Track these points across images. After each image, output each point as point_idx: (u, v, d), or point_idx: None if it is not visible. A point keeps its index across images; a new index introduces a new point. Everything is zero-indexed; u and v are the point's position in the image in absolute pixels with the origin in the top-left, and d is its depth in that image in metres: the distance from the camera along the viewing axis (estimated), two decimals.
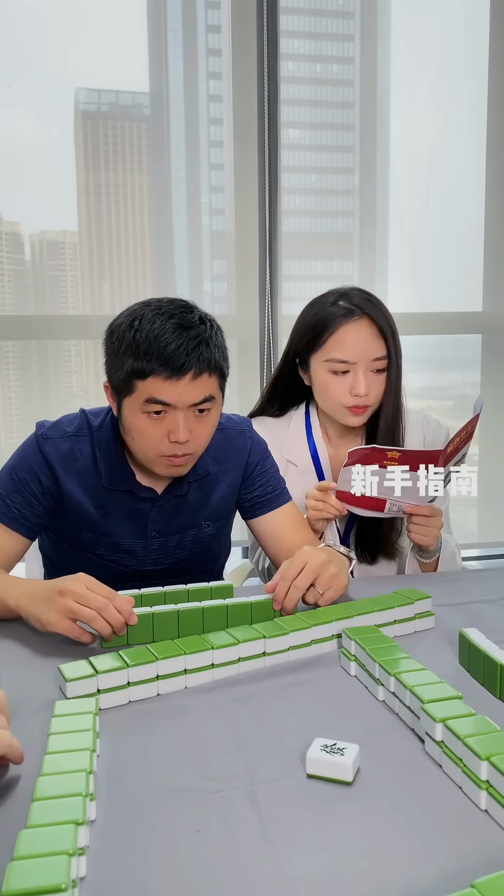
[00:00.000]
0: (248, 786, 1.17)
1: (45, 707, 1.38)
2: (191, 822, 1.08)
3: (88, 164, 3.65)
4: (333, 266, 4.08)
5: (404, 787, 1.17)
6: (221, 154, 3.79)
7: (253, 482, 2.12)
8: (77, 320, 3.73)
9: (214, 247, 3.87)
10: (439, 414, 4.35)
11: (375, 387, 2.23)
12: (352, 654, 1.54)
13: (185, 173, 3.77)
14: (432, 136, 4.07)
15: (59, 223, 3.72)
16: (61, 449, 1.94)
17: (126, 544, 2.00)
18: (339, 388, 2.23)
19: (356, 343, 2.19)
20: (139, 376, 1.75)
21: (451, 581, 2.11)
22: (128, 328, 1.77)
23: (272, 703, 1.43)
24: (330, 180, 4.01)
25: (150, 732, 1.33)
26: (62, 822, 0.98)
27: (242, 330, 3.78)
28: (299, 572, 1.73)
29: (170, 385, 1.74)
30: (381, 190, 4.06)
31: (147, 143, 3.73)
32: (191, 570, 2.08)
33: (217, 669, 1.52)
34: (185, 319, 1.77)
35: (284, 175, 3.82)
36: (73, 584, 1.60)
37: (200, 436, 1.84)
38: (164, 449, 1.82)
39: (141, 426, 1.81)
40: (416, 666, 1.41)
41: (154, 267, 3.81)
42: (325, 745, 1.21)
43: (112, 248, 3.72)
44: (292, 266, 3.92)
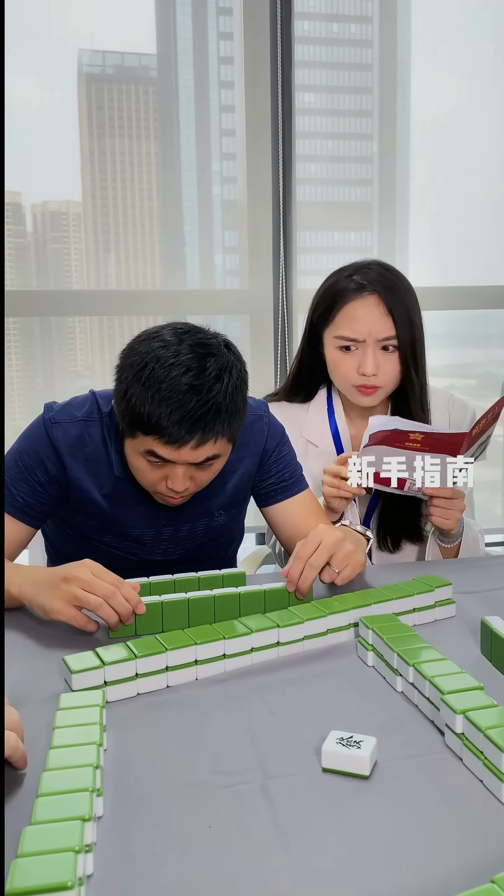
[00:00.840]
0: (261, 780, 1.18)
1: (50, 700, 1.40)
2: (202, 818, 1.09)
3: (93, 130, 3.64)
4: (351, 237, 4.07)
5: (423, 781, 1.18)
6: (233, 119, 3.78)
7: (269, 469, 2.12)
8: (82, 295, 3.73)
9: (226, 217, 3.86)
10: (463, 393, 4.36)
11: (385, 366, 2.23)
12: (369, 643, 1.55)
13: (195, 139, 3.76)
14: (455, 100, 4.05)
15: (61, 193, 3.71)
16: (70, 434, 1.94)
17: (135, 533, 2.00)
18: (347, 366, 2.25)
19: (363, 320, 2.20)
20: (141, 430, 1.73)
21: (473, 567, 2.12)
22: (140, 371, 1.72)
23: (286, 695, 1.44)
24: (347, 147, 3.99)
25: (160, 726, 1.34)
26: (68, 819, 0.99)
27: (255, 305, 3.77)
28: (314, 551, 1.74)
29: (170, 449, 1.73)
30: (402, 157, 4.04)
31: (154, 108, 3.72)
32: (202, 559, 2.08)
33: (229, 660, 1.53)
34: (201, 376, 1.70)
35: (299, 141, 3.81)
36: (78, 570, 1.61)
37: (201, 480, 1.85)
38: (162, 490, 1.83)
39: (140, 467, 1.82)
40: (436, 655, 1.41)
41: (162, 239, 3.80)
42: (341, 737, 1.21)
43: (118, 219, 3.71)
44: (308, 238, 3.91)
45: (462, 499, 2.12)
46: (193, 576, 1.81)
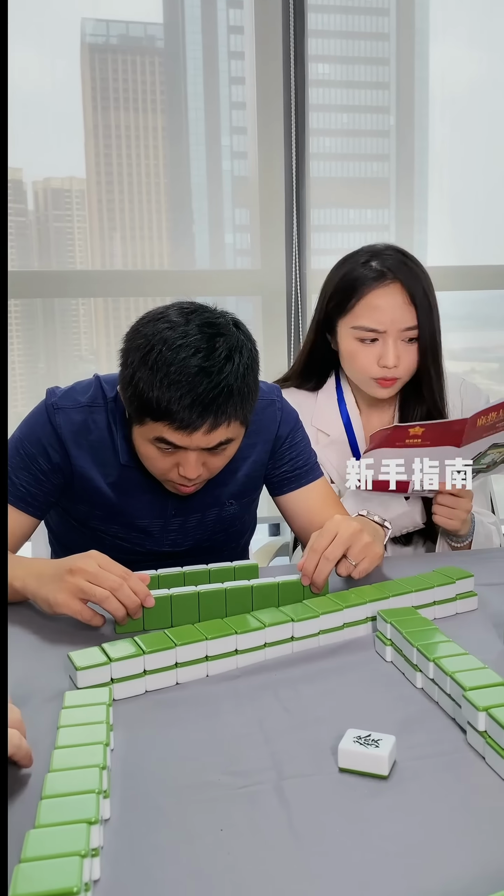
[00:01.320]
0: (275, 781, 1.17)
1: (55, 698, 1.40)
2: (213, 820, 1.09)
3: (96, 103, 3.64)
4: (367, 215, 4.06)
5: (444, 781, 1.17)
6: (243, 91, 3.77)
7: (282, 456, 2.12)
8: (86, 276, 3.73)
9: (236, 194, 3.86)
10: (483, 377, 4.35)
11: (406, 357, 2.21)
12: (387, 637, 1.55)
13: (204, 113, 3.75)
14: (476, 71, 4.03)
15: (64, 169, 3.71)
16: (74, 421, 1.93)
17: (142, 524, 2.00)
18: (367, 358, 2.22)
19: (386, 310, 2.17)
20: (150, 416, 1.72)
21: (497, 558, 2.11)
22: (146, 354, 1.70)
23: (301, 692, 1.44)
24: (363, 120, 3.98)
25: (169, 724, 1.34)
26: (73, 822, 0.99)
27: (267, 286, 3.77)
28: (329, 543, 1.73)
29: (181, 434, 1.71)
30: (420, 131, 4.03)
31: (161, 80, 3.71)
32: (212, 551, 2.08)
33: (241, 656, 1.53)
34: (210, 357, 1.69)
35: (313, 115, 3.80)
36: (83, 562, 1.61)
37: (214, 466, 1.84)
38: (173, 477, 1.82)
39: (150, 455, 1.81)
40: (458, 650, 1.41)
41: (170, 217, 3.80)
42: (358, 736, 1.21)
43: (123, 197, 3.71)
44: (322, 215, 3.90)
45: (469, 498, 2.10)
46: (204, 568, 1.80)
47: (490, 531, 2.29)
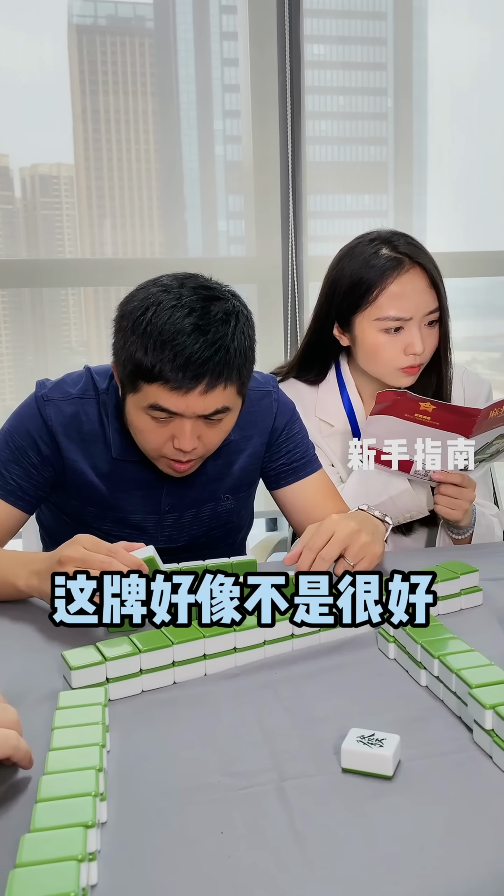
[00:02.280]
0: (276, 782, 1.17)
1: (49, 699, 1.40)
2: (213, 822, 1.09)
3: (85, 86, 3.63)
4: (365, 200, 4.06)
5: (450, 782, 1.18)
6: (237, 74, 3.76)
7: (278, 449, 2.12)
8: (75, 265, 3.72)
9: (230, 180, 3.85)
10: (485, 367, 4.35)
11: (430, 342, 2.22)
12: (391, 634, 1.55)
13: (196, 96, 3.75)
14: (477, 51, 4.03)
15: (52, 155, 3.71)
16: (65, 413, 1.94)
17: (136, 520, 2.00)
18: (394, 349, 2.20)
19: (411, 296, 2.16)
20: (143, 378, 1.72)
21: (502, 553, 2.11)
22: (140, 316, 1.72)
23: (302, 691, 1.44)
24: (360, 102, 3.98)
25: (166, 725, 1.34)
26: (70, 825, 0.99)
27: (263, 274, 3.77)
28: (325, 543, 1.73)
29: (177, 396, 1.71)
30: (419, 113, 4.03)
31: (151, 62, 3.71)
32: (208, 547, 2.08)
33: (240, 654, 1.53)
34: (206, 317, 1.71)
35: (309, 97, 3.79)
36: (70, 549, 1.62)
37: (211, 441, 1.84)
38: (168, 452, 1.82)
39: (144, 427, 1.80)
40: (463, 647, 1.41)
41: (161, 203, 3.80)
42: (361, 735, 1.21)
43: (113, 183, 3.71)
44: (318, 201, 3.90)
45: (472, 488, 2.10)
46: (200, 564, 1.80)
47: (492, 523, 2.29)
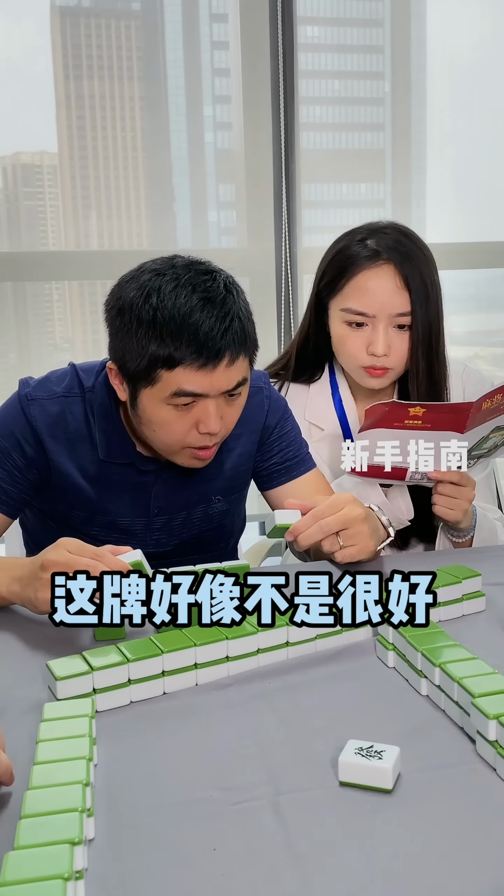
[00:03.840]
0: (271, 796, 1.17)
1: (33, 710, 1.39)
2: (205, 839, 1.09)
3: (68, 71, 3.63)
4: (361, 189, 4.07)
5: (452, 795, 1.18)
6: (227, 57, 3.77)
7: (270, 447, 2.12)
8: (59, 258, 3.72)
9: (220, 168, 3.86)
10: (487, 364, 4.35)
11: (398, 346, 2.21)
12: (390, 642, 1.55)
13: (184, 80, 3.75)
14: (478, 32, 4.03)
15: (35, 143, 3.71)
16: (50, 412, 1.93)
17: (124, 523, 2.00)
18: (356, 345, 2.22)
19: (376, 293, 2.17)
20: (166, 365, 1.72)
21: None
22: (143, 304, 1.72)
23: (298, 701, 1.44)
24: (356, 87, 3.99)
25: (156, 737, 1.34)
26: (55, 842, 0.99)
27: (255, 267, 3.77)
28: (331, 514, 1.75)
29: (203, 375, 1.72)
30: (417, 98, 4.04)
31: (138, 45, 3.71)
32: (199, 551, 2.08)
33: (233, 663, 1.52)
34: (210, 290, 1.73)
35: (303, 82, 3.80)
36: (53, 554, 1.60)
37: (231, 419, 1.85)
38: (193, 440, 1.82)
39: (165, 419, 1.79)
40: (465, 655, 1.41)
41: (149, 193, 3.80)
42: (360, 747, 1.21)
43: (99, 172, 3.71)
44: (313, 190, 3.91)
45: (471, 487, 2.09)
46: (191, 569, 1.80)
47: (494, 526, 2.28)
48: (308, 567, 2.01)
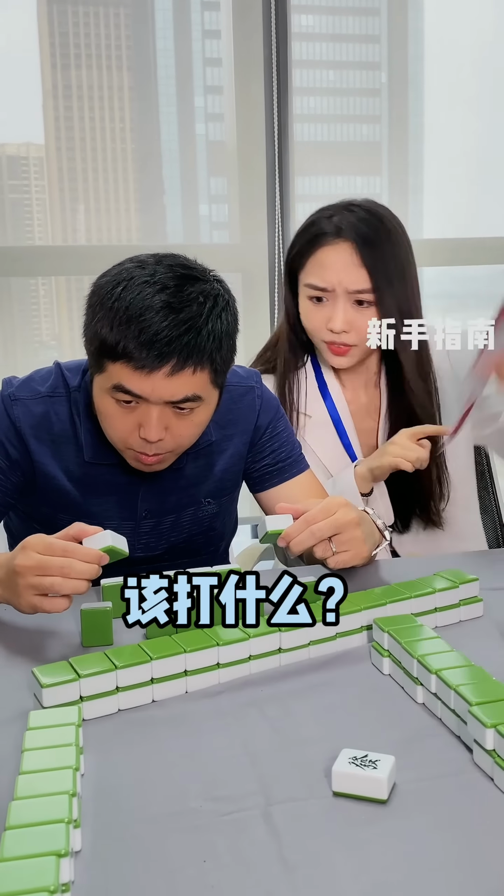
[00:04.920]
0: (263, 807, 1.18)
1: (18, 719, 1.39)
2: (195, 851, 1.09)
3: (55, 60, 3.63)
4: (357, 183, 4.07)
5: (449, 805, 1.18)
6: (219, 47, 3.77)
7: (262, 448, 2.12)
8: (46, 252, 3.72)
9: (212, 161, 3.86)
10: None
11: (359, 323, 2.24)
12: (385, 648, 1.55)
13: (175, 70, 3.75)
14: (477, 22, 4.03)
15: (20, 134, 3.70)
16: (34, 413, 1.93)
17: (111, 527, 1.98)
18: (316, 319, 2.28)
19: (333, 268, 2.23)
20: (110, 356, 1.73)
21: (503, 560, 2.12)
22: (109, 291, 1.73)
23: (290, 709, 1.44)
24: (352, 77, 3.99)
25: (145, 746, 1.34)
26: (41, 854, 0.99)
27: (247, 262, 3.77)
28: (322, 519, 1.73)
29: (141, 376, 1.71)
30: (415, 89, 4.04)
31: (127, 34, 3.71)
32: (189, 555, 2.08)
33: (223, 670, 1.52)
34: (179, 296, 1.71)
35: (296, 72, 3.80)
36: (23, 558, 1.56)
37: (181, 435, 1.83)
38: (133, 443, 1.81)
39: (108, 412, 1.80)
40: (462, 661, 1.41)
41: (139, 187, 3.80)
42: (354, 757, 1.21)
43: (87, 164, 3.71)
44: (307, 184, 3.91)
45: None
46: None
47: None
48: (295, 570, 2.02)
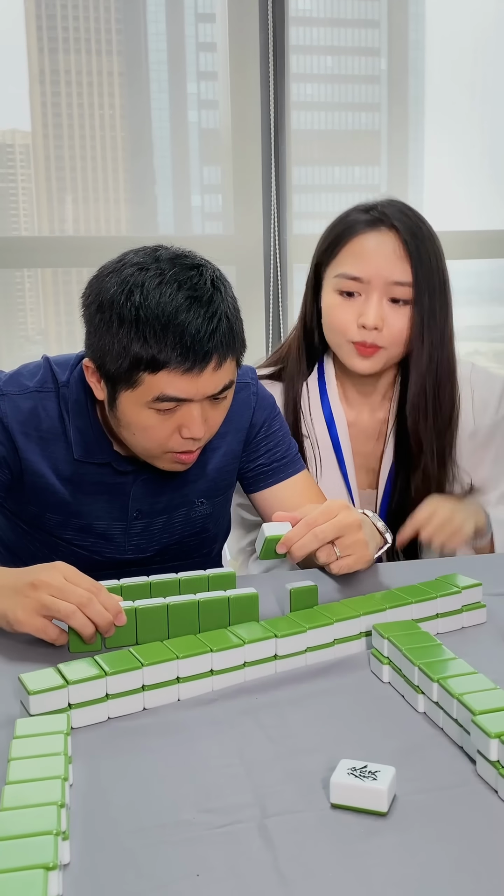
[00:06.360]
0: (258, 819, 1.18)
1: (4, 727, 1.39)
2: (188, 864, 1.09)
3: (43, 44, 3.63)
4: (355, 173, 4.07)
5: (451, 818, 1.18)
6: (212, 31, 3.77)
7: (257, 447, 2.12)
8: (32, 243, 3.72)
9: (205, 150, 3.86)
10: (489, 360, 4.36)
11: (394, 321, 2.17)
12: (385, 655, 1.55)
13: (167, 55, 3.75)
14: (480, 7, 4.04)
15: (6, 121, 3.70)
16: (21, 409, 1.93)
17: (101, 527, 2.00)
18: (346, 315, 2.18)
19: (373, 256, 2.14)
20: (149, 368, 1.71)
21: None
22: (126, 301, 1.71)
23: (287, 718, 1.44)
24: (351, 63, 3.99)
25: (136, 755, 1.34)
26: (28, 867, 0.99)
27: (242, 255, 3.77)
28: (324, 522, 1.73)
29: (188, 379, 1.71)
30: (416, 76, 4.04)
31: (117, 17, 3.71)
32: (182, 557, 2.09)
33: (217, 677, 1.53)
34: (196, 287, 1.71)
35: (293, 57, 3.80)
36: (47, 574, 1.57)
37: (215, 422, 1.84)
38: (175, 445, 1.81)
39: (146, 424, 1.78)
40: (465, 669, 1.42)
41: (129, 176, 3.79)
42: (353, 767, 1.21)
43: (75, 153, 3.70)
44: (304, 173, 3.91)
45: None
46: (173, 577, 1.80)
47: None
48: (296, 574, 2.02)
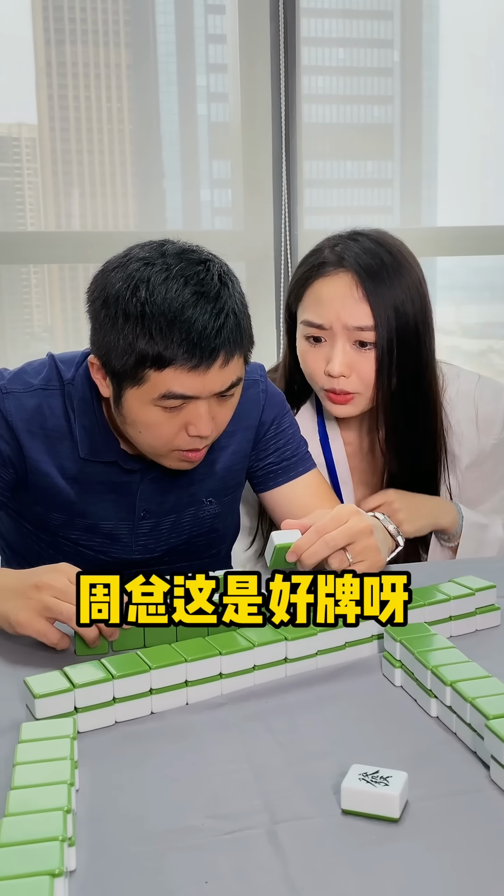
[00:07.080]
0: (267, 825, 1.18)
1: (9, 731, 1.40)
2: (196, 871, 1.09)
3: (49, 35, 3.63)
4: (367, 167, 4.06)
5: (464, 824, 1.18)
6: (223, 22, 3.76)
7: (266, 445, 2.12)
8: (38, 239, 3.72)
9: (214, 143, 3.85)
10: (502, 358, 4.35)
11: (362, 367, 2.12)
12: (397, 659, 1.55)
13: (176, 47, 3.75)
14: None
15: (12, 114, 3.70)
16: (26, 406, 1.93)
17: (108, 527, 2.00)
18: (315, 363, 2.16)
19: (331, 302, 2.10)
20: (155, 365, 1.70)
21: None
22: (131, 297, 1.70)
23: (297, 722, 1.44)
24: (363, 56, 3.99)
25: (143, 761, 1.34)
26: (34, 874, 0.99)
27: (252, 251, 3.77)
28: (335, 528, 1.71)
29: (195, 376, 1.71)
30: (429, 68, 4.04)
31: (125, 9, 3.70)
32: (190, 558, 2.09)
33: (227, 680, 1.53)
34: (203, 282, 1.71)
35: (305, 49, 3.80)
36: (51, 576, 1.58)
37: (223, 420, 1.84)
38: (181, 443, 1.81)
39: (152, 421, 1.78)
40: (479, 673, 1.41)
41: (136, 170, 3.79)
42: (364, 773, 1.21)
43: (82, 146, 3.70)
44: (315, 168, 3.90)
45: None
46: None
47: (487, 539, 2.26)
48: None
